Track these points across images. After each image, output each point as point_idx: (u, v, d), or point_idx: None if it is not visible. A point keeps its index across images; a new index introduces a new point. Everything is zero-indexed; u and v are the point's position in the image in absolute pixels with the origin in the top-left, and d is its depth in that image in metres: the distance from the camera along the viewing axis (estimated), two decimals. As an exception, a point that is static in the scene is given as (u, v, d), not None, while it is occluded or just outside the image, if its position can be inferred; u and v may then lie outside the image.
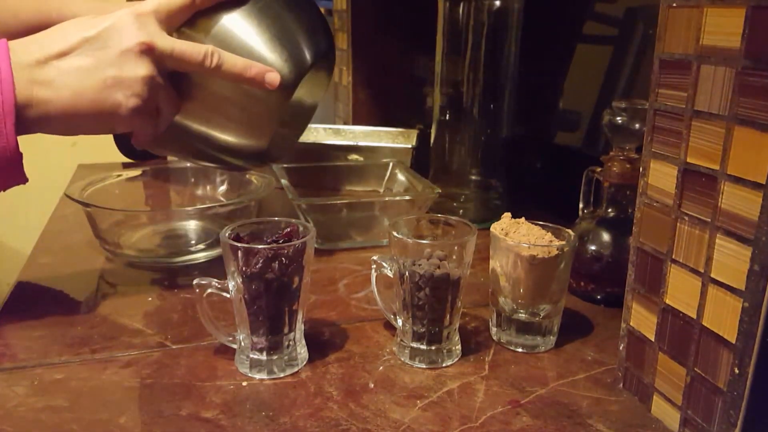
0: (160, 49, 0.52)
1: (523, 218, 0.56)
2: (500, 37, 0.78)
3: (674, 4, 0.42)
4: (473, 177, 0.84)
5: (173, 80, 0.56)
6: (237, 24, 0.57)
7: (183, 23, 0.56)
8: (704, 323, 0.41)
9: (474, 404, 0.47)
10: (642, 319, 0.47)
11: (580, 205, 0.67)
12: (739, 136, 0.37)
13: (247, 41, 0.57)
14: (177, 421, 0.44)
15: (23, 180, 0.52)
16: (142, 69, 0.51)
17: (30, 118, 0.49)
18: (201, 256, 0.70)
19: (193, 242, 0.74)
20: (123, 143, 0.66)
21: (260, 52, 0.57)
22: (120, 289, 0.65)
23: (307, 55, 0.60)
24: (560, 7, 0.90)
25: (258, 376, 0.50)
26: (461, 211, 0.84)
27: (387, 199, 0.82)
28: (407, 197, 0.80)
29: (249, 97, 0.58)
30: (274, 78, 0.56)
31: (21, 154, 0.50)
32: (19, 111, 0.48)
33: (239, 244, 0.47)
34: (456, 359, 0.53)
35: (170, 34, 0.55)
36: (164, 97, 0.55)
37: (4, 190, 0.52)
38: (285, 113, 0.61)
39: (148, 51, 0.52)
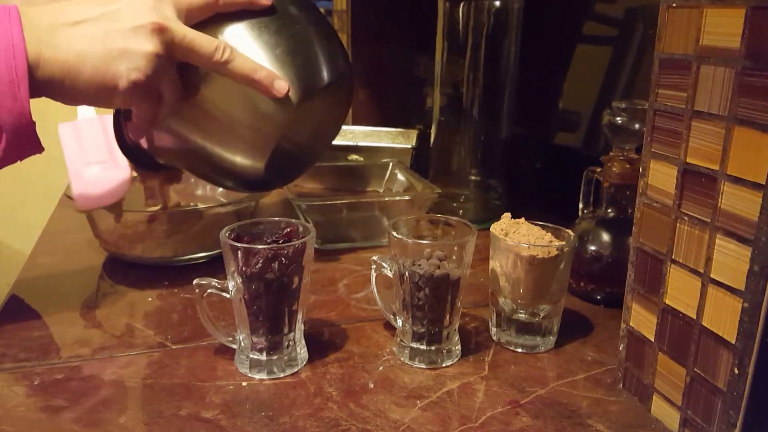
0: (173, 32, 0.52)
1: (522, 218, 0.56)
2: (500, 37, 0.78)
3: (674, 5, 0.42)
4: (473, 177, 0.84)
5: (182, 74, 0.55)
6: (252, 33, 0.56)
7: (200, 22, 0.56)
8: (704, 323, 0.41)
9: (474, 404, 0.47)
10: (642, 320, 0.47)
11: (580, 206, 0.67)
12: (739, 136, 0.37)
13: (258, 51, 0.56)
14: (177, 421, 0.44)
15: (39, 149, 0.51)
16: (150, 45, 0.51)
17: (38, 80, 0.49)
18: (201, 256, 0.70)
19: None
20: (122, 141, 0.65)
21: (269, 64, 0.56)
22: (120, 289, 0.65)
23: (317, 79, 0.58)
24: (560, 7, 0.90)
25: (258, 377, 0.50)
26: (461, 211, 0.84)
27: (387, 199, 0.82)
28: (407, 197, 0.80)
29: (252, 107, 0.57)
30: (282, 86, 0.55)
31: (34, 122, 0.49)
32: (29, 72, 0.48)
33: (239, 244, 0.47)
34: (456, 359, 0.53)
35: None
36: (167, 83, 0.54)
37: (21, 160, 0.51)
38: (286, 133, 0.59)
39: (160, 31, 0.51)
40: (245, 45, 0.56)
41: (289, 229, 0.51)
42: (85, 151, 0.71)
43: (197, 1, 0.55)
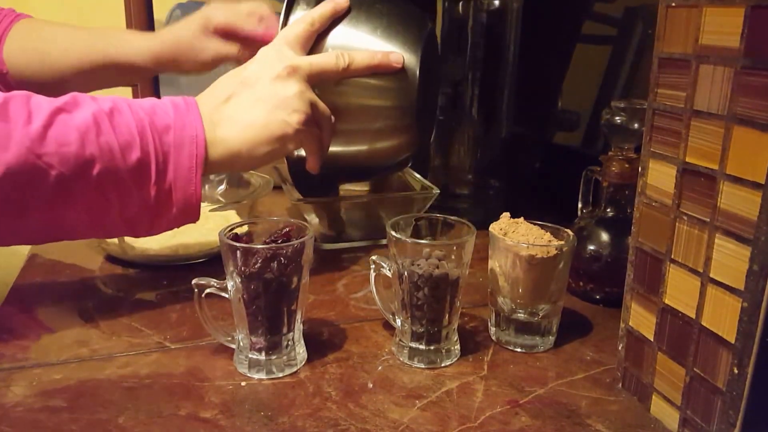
0: (302, 67, 0.59)
1: (521, 218, 0.56)
2: (499, 36, 0.78)
3: (673, 4, 0.42)
4: (472, 176, 0.84)
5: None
6: (352, 31, 0.65)
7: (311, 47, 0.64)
8: (703, 323, 0.41)
9: (473, 404, 0.47)
10: (641, 319, 0.47)
11: (579, 205, 0.67)
12: (738, 135, 0.37)
13: (365, 41, 0.65)
14: (176, 421, 0.44)
15: (196, 220, 0.56)
16: (294, 87, 0.57)
17: (216, 158, 0.55)
18: (200, 256, 0.70)
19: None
20: (300, 181, 0.74)
21: (378, 46, 0.65)
22: (119, 289, 0.65)
23: (420, 34, 0.67)
24: (560, 7, 0.90)
25: (257, 376, 0.50)
26: (461, 210, 0.84)
27: (386, 198, 0.82)
28: (406, 197, 0.80)
29: (385, 91, 0.66)
30: (396, 57, 0.64)
31: (200, 201, 0.55)
32: (207, 153, 0.54)
33: (238, 244, 0.47)
34: (455, 359, 0.53)
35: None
36: (319, 110, 0.60)
37: (177, 227, 0.56)
38: (420, 90, 0.67)
39: (293, 71, 0.58)
40: (353, 43, 0.65)
41: (288, 229, 0.51)
42: None
43: (302, 34, 0.62)
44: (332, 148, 0.65)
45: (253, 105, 0.56)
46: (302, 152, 0.64)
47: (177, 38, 0.73)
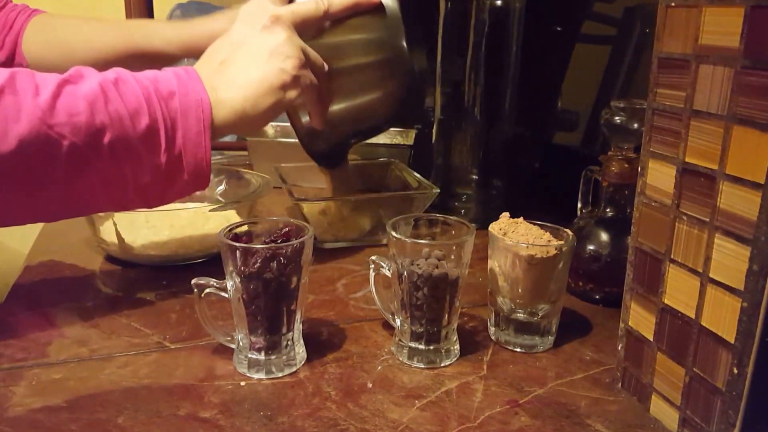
0: (284, 15, 0.59)
1: (521, 218, 0.56)
2: (501, 36, 0.78)
3: (673, 4, 0.42)
4: (474, 176, 0.84)
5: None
6: None
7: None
8: (703, 323, 0.41)
9: (472, 404, 0.47)
10: (641, 319, 0.47)
11: (579, 205, 0.67)
12: (738, 135, 0.37)
13: None
14: (175, 421, 0.44)
15: (206, 187, 0.56)
16: (281, 34, 0.58)
17: (222, 120, 0.54)
18: (199, 256, 0.70)
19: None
20: (311, 150, 0.74)
21: None
22: (118, 289, 0.65)
23: None
24: (561, 7, 0.90)
25: (256, 376, 0.50)
26: (463, 210, 0.84)
27: (386, 197, 0.82)
28: (406, 196, 0.80)
29: (370, 32, 0.67)
30: None
31: (210, 166, 0.54)
32: (212, 116, 0.54)
33: (237, 244, 0.47)
34: (454, 359, 0.53)
35: None
36: (310, 57, 0.60)
37: (188, 195, 0.56)
38: (406, 24, 0.67)
39: (277, 20, 0.58)
40: None
41: (287, 229, 0.51)
42: None
43: None
44: (332, 108, 0.65)
45: (247, 62, 0.56)
46: (307, 118, 0.64)
47: (212, 31, 0.73)
